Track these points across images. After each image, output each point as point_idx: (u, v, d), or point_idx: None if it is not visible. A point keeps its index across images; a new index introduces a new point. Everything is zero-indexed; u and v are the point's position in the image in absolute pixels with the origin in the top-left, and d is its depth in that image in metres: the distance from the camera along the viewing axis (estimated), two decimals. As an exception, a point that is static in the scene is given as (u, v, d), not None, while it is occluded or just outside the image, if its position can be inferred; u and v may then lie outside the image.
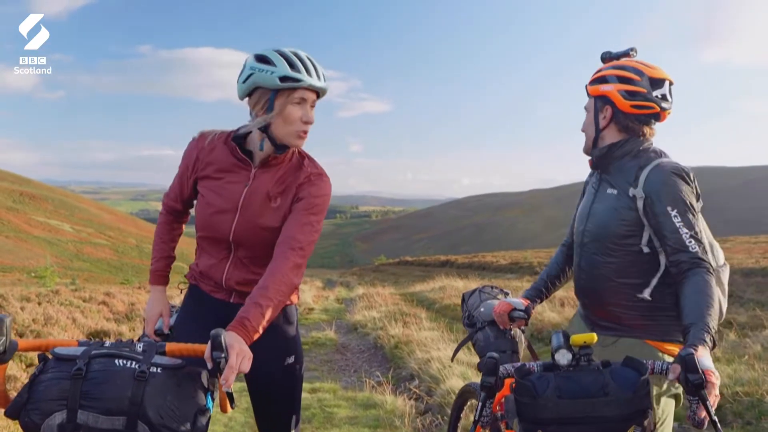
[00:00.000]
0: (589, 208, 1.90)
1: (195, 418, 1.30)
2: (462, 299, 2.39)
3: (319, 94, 1.73)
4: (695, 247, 1.61)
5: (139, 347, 1.33)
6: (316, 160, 1.84)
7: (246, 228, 1.75)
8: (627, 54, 1.88)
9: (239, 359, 1.32)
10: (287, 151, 1.76)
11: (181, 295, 2.00)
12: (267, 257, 1.70)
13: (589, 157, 1.91)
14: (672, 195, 1.66)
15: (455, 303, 10.26)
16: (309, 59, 1.68)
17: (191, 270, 1.93)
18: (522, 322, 2.10)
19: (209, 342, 1.30)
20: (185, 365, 1.34)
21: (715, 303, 1.52)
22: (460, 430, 2.64)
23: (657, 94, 1.76)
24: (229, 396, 1.31)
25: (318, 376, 5.61)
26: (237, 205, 1.75)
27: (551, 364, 1.34)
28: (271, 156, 1.75)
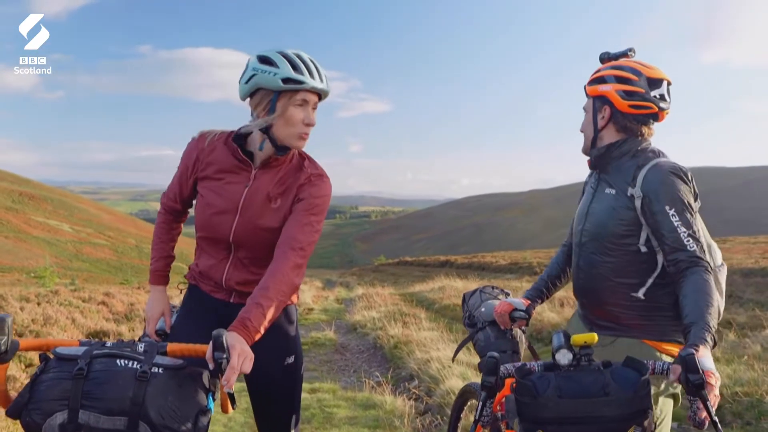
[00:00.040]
0: (588, 207, 1.90)
1: (196, 418, 1.30)
2: (463, 299, 2.39)
3: (321, 96, 1.73)
4: (693, 246, 1.61)
5: (141, 347, 1.33)
6: (316, 160, 1.84)
7: (246, 229, 1.75)
8: (625, 54, 1.89)
9: (241, 360, 1.33)
10: (288, 153, 1.76)
11: (181, 295, 2.00)
12: (267, 258, 1.70)
13: (588, 157, 1.92)
14: (670, 194, 1.66)
15: (455, 303, 10.26)
16: (312, 61, 1.68)
17: (191, 270, 1.93)
18: (523, 322, 2.10)
19: (211, 342, 1.30)
20: (186, 366, 1.34)
21: (715, 301, 1.52)
22: (460, 430, 2.64)
23: (655, 94, 1.76)
24: (231, 396, 1.31)
25: (317, 376, 5.61)
26: (237, 206, 1.75)
27: (552, 364, 1.34)
28: (272, 157, 1.75)
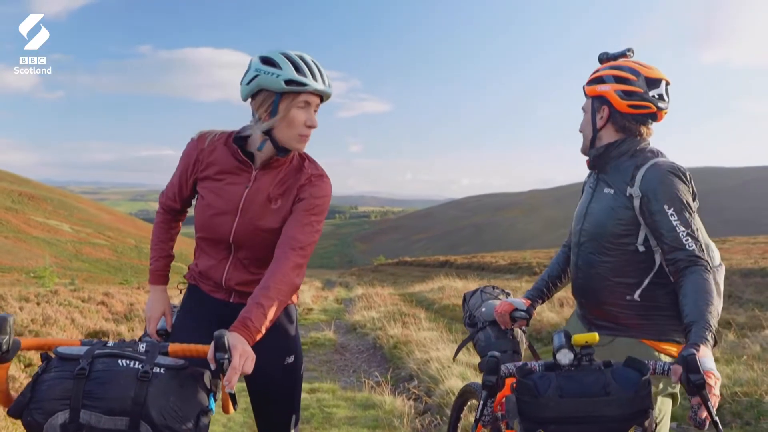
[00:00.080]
0: (586, 207, 1.91)
1: (197, 418, 1.30)
2: (463, 299, 2.39)
3: (323, 98, 1.73)
4: (692, 245, 1.61)
5: (142, 347, 1.33)
6: (316, 161, 1.84)
7: (246, 230, 1.75)
8: (624, 55, 1.89)
9: (242, 360, 1.33)
10: (288, 154, 1.76)
11: (181, 295, 2.00)
12: (267, 258, 1.70)
13: (587, 157, 1.92)
14: (669, 193, 1.66)
15: (454, 303, 10.26)
16: (314, 63, 1.68)
17: (190, 270, 1.93)
18: (523, 322, 2.10)
19: (212, 343, 1.30)
20: (188, 366, 1.34)
21: (715, 300, 1.52)
22: (459, 430, 2.64)
23: (653, 93, 1.76)
24: (232, 397, 1.31)
25: (317, 376, 5.60)
26: (237, 207, 1.75)
27: (553, 363, 1.35)
28: (273, 158, 1.75)
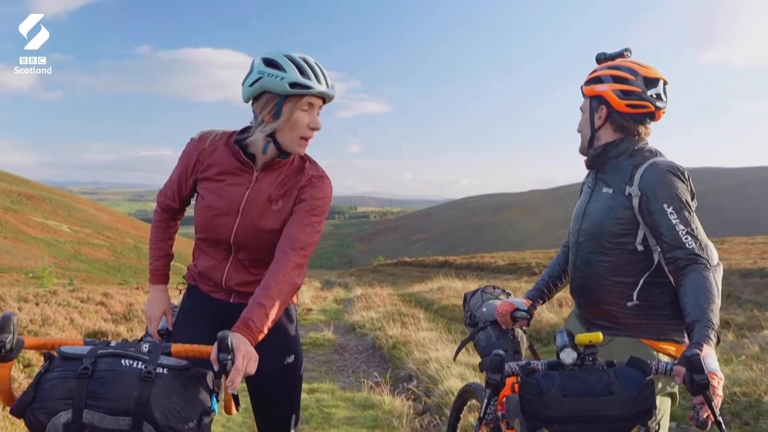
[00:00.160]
0: (585, 207, 1.91)
1: (200, 419, 1.30)
2: (464, 299, 2.39)
3: (325, 100, 1.73)
4: (692, 244, 1.61)
5: (145, 347, 1.33)
6: (316, 162, 1.84)
7: (247, 231, 1.75)
8: (621, 55, 1.89)
9: (245, 361, 1.32)
10: (291, 155, 1.76)
11: (180, 296, 1.99)
12: (267, 259, 1.70)
13: (585, 157, 1.92)
14: (668, 192, 1.67)
15: (453, 303, 10.26)
16: (317, 65, 1.68)
17: (190, 271, 1.92)
18: (524, 322, 2.10)
19: (216, 344, 1.29)
20: (191, 366, 1.34)
21: (716, 298, 1.52)
22: (459, 430, 2.64)
23: (651, 93, 1.77)
24: (235, 398, 1.31)
25: (316, 376, 5.60)
26: (238, 208, 1.75)
27: (556, 362, 1.35)
28: (274, 159, 1.75)
